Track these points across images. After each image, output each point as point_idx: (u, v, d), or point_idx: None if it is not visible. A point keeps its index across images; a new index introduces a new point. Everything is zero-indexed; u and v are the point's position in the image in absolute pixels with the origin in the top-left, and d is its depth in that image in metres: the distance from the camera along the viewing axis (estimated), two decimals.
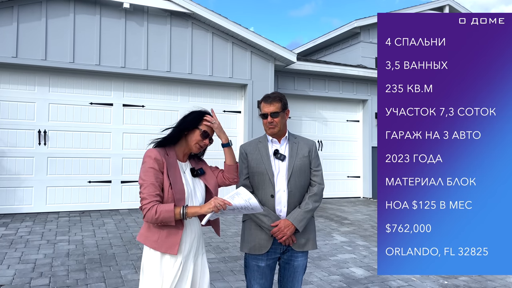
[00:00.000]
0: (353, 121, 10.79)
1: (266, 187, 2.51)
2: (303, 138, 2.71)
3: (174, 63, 8.15)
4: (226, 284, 4.17)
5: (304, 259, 2.59)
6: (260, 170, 2.53)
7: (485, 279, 4.51)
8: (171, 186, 2.09)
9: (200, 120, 2.26)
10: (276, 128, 2.53)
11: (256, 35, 8.53)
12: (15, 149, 7.26)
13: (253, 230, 2.55)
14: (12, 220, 6.65)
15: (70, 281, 4.09)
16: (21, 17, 7.10)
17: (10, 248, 5.15)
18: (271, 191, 2.50)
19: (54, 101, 7.55)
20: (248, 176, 2.58)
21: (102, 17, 7.64)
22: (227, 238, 5.99)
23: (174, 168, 2.17)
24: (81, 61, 7.47)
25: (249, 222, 2.59)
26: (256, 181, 2.55)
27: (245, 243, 2.58)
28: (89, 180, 7.72)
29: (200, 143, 2.24)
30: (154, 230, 2.11)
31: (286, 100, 2.61)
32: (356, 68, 10.28)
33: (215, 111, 2.44)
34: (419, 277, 4.53)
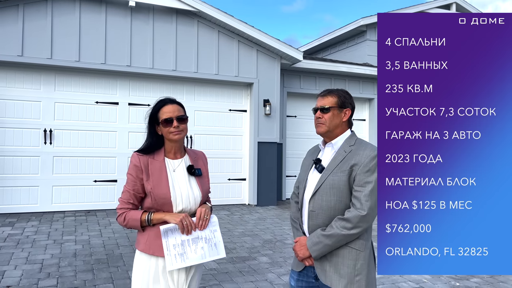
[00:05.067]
0: (359, 120, 10.72)
1: (300, 200, 2.23)
2: (362, 145, 2.13)
3: (180, 62, 8.11)
4: (235, 285, 4.12)
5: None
6: (300, 178, 2.28)
7: (496, 281, 4.44)
8: (153, 191, 2.09)
9: (155, 116, 2.17)
10: (323, 127, 2.15)
11: (262, 33, 8.47)
12: (20, 148, 7.24)
13: None
14: (18, 220, 6.63)
15: (78, 282, 4.06)
16: (26, 15, 7.07)
17: (17, 248, 5.12)
18: (300, 205, 2.22)
19: (59, 100, 7.52)
20: None
21: (108, 16, 7.59)
22: (234, 238, 5.95)
23: (160, 171, 2.13)
24: (87, 60, 7.43)
25: None
26: (299, 191, 2.27)
27: None
28: (94, 180, 7.69)
29: (171, 130, 2.13)
30: (144, 232, 2.12)
31: (349, 98, 2.22)
32: (362, 66, 10.21)
33: (220, 110, 2.39)
34: (430, 278, 4.47)
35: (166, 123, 2.13)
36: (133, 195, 2.12)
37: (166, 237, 2.04)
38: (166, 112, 2.16)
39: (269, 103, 8.68)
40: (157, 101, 2.22)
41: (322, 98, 2.21)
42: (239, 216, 7.52)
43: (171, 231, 2.05)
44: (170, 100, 2.21)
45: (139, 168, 2.11)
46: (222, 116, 8.66)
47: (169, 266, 2.01)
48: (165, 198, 2.10)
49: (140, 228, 2.10)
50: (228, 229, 6.47)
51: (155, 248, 2.07)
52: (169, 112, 2.15)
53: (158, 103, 2.20)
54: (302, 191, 2.20)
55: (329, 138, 2.19)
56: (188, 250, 2.05)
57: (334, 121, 2.15)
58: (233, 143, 8.82)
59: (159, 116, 2.16)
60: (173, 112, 2.16)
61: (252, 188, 8.65)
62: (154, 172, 2.12)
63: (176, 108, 2.18)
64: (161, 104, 2.18)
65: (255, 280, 4.28)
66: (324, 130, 2.16)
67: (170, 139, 2.17)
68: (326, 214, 2.07)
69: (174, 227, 2.06)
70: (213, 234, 2.13)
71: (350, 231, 1.99)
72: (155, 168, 2.13)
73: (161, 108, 2.17)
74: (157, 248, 2.06)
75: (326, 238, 2.01)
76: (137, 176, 2.11)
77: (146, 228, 2.11)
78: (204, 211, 2.14)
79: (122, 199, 2.13)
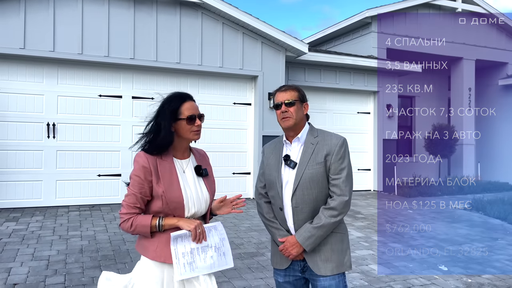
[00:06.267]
0: (364, 113, 10.62)
1: (276, 198, 2.20)
2: (327, 135, 2.23)
3: (184, 54, 7.99)
4: (244, 282, 4.07)
5: (330, 279, 2.14)
6: (271, 178, 2.23)
7: (509, 277, 4.39)
8: (165, 194, 1.94)
9: (177, 110, 2.01)
10: (291, 120, 2.16)
11: (267, 25, 8.34)
12: (24, 143, 7.16)
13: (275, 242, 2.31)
14: (22, 215, 6.57)
15: (86, 279, 4.00)
16: (28, 7, 6.95)
17: (22, 244, 5.06)
18: (279, 204, 2.19)
19: (62, 93, 7.42)
20: (265, 184, 2.28)
21: (111, 8, 7.47)
22: (241, 233, 5.89)
23: (170, 173, 1.99)
24: (90, 52, 7.32)
25: None
26: (269, 190, 2.25)
27: (271, 256, 2.38)
28: (98, 174, 7.62)
29: (193, 129, 2.02)
30: (153, 238, 1.97)
31: (304, 92, 2.30)
32: (367, 59, 10.09)
33: (224, 103, 2.28)
34: (442, 275, 4.41)
35: (190, 120, 2.01)
36: (140, 199, 1.95)
37: (175, 244, 1.94)
38: (189, 108, 2.03)
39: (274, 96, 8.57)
40: (175, 96, 2.06)
41: (283, 93, 2.22)
42: (245, 211, 7.47)
43: (181, 238, 1.95)
44: (189, 96, 2.08)
45: (148, 170, 1.95)
46: (226, 109, 8.56)
47: (178, 276, 1.91)
48: (178, 202, 1.97)
49: (149, 235, 1.96)
50: (234, 224, 6.41)
51: (166, 255, 1.95)
52: (192, 109, 2.04)
53: (178, 98, 2.05)
54: (279, 189, 2.18)
55: (294, 132, 2.22)
56: (198, 259, 1.95)
57: (299, 114, 2.20)
58: (237, 137, 8.74)
59: (180, 111, 2.01)
60: (196, 109, 2.06)
61: None
62: (164, 174, 1.98)
63: (197, 106, 2.09)
64: (182, 100, 2.04)
65: (265, 276, 4.23)
66: (292, 123, 2.18)
67: (188, 137, 2.05)
68: (309, 207, 2.13)
69: (185, 234, 1.95)
70: (222, 243, 2.04)
71: (337, 218, 2.10)
72: (165, 169, 1.99)
73: (183, 103, 2.03)
74: (169, 256, 1.95)
75: (317, 230, 2.09)
76: (146, 178, 1.95)
77: (155, 234, 1.97)
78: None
79: (128, 203, 1.95)
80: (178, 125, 2.02)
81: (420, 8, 11.78)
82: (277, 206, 2.22)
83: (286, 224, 2.21)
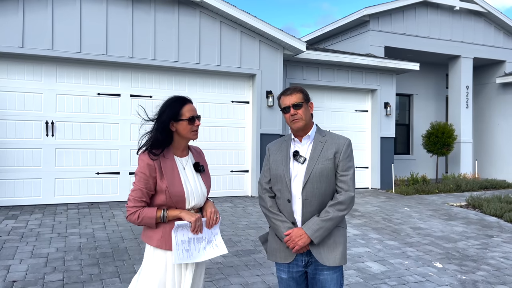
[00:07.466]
0: (361, 111, 10.67)
1: (284, 191, 2.29)
2: (334, 135, 2.35)
3: (182, 52, 8.02)
4: (241, 279, 4.12)
5: (332, 273, 2.28)
6: (279, 172, 2.32)
7: (503, 274, 4.44)
8: (168, 189, 2.15)
9: (179, 111, 2.21)
10: (301, 122, 2.27)
11: (265, 23, 8.37)
12: (22, 141, 7.19)
13: (278, 237, 2.35)
14: (21, 212, 6.61)
15: (84, 276, 4.04)
16: (26, 6, 6.97)
17: (21, 241, 5.11)
18: (288, 196, 2.28)
19: (61, 91, 7.45)
20: (270, 179, 2.38)
21: (109, 6, 7.49)
22: (239, 231, 5.94)
23: (172, 169, 2.20)
24: (88, 51, 7.35)
25: None
26: (275, 184, 2.34)
27: (271, 251, 2.40)
28: (97, 172, 7.66)
29: (193, 129, 2.24)
30: (158, 228, 2.17)
31: (307, 92, 2.38)
32: (365, 57, 10.13)
33: (223, 102, 2.45)
34: (437, 272, 4.46)
35: (191, 121, 2.21)
36: (145, 193, 2.15)
37: (176, 232, 2.14)
38: (190, 110, 2.23)
39: (271, 95, 8.62)
40: (176, 99, 2.26)
41: (289, 96, 2.30)
42: (243, 208, 7.52)
43: (181, 227, 2.15)
44: (189, 100, 2.28)
45: (152, 167, 2.15)
46: (224, 107, 8.60)
47: (177, 260, 2.12)
48: (180, 196, 2.18)
49: (154, 226, 2.16)
50: (232, 222, 6.46)
51: (170, 243, 2.15)
52: (192, 111, 2.24)
53: (179, 101, 2.25)
54: (287, 182, 2.28)
55: (303, 131, 2.32)
56: (193, 248, 2.18)
57: (307, 114, 2.31)
58: (235, 135, 8.78)
59: (182, 113, 2.21)
60: (195, 111, 2.27)
61: (254, 180, 8.62)
62: (167, 171, 2.18)
63: (195, 108, 2.29)
64: (183, 103, 2.24)
65: (261, 273, 4.28)
66: (302, 124, 2.29)
67: (189, 137, 2.25)
68: (318, 200, 2.25)
69: (186, 225, 2.16)
70: (214, 237, 2.27)
71: (344, 211, 2.24)
72: (167, 167, 2.19)
73: (184, 106, 2.22)
74: (170, 244, 2.15)
75: (326, 222, 2.20)
76: (150, 175, 2.15)
77: (159, 225, 2.17)
78: (213, 212, 2.28)
79: (134, 197, 2.14)
80: (179, 126, 2.21)
81: (418, 6, 11.82)
82: (284, 199, 2.30)
83: (293, 216, 2.28)
